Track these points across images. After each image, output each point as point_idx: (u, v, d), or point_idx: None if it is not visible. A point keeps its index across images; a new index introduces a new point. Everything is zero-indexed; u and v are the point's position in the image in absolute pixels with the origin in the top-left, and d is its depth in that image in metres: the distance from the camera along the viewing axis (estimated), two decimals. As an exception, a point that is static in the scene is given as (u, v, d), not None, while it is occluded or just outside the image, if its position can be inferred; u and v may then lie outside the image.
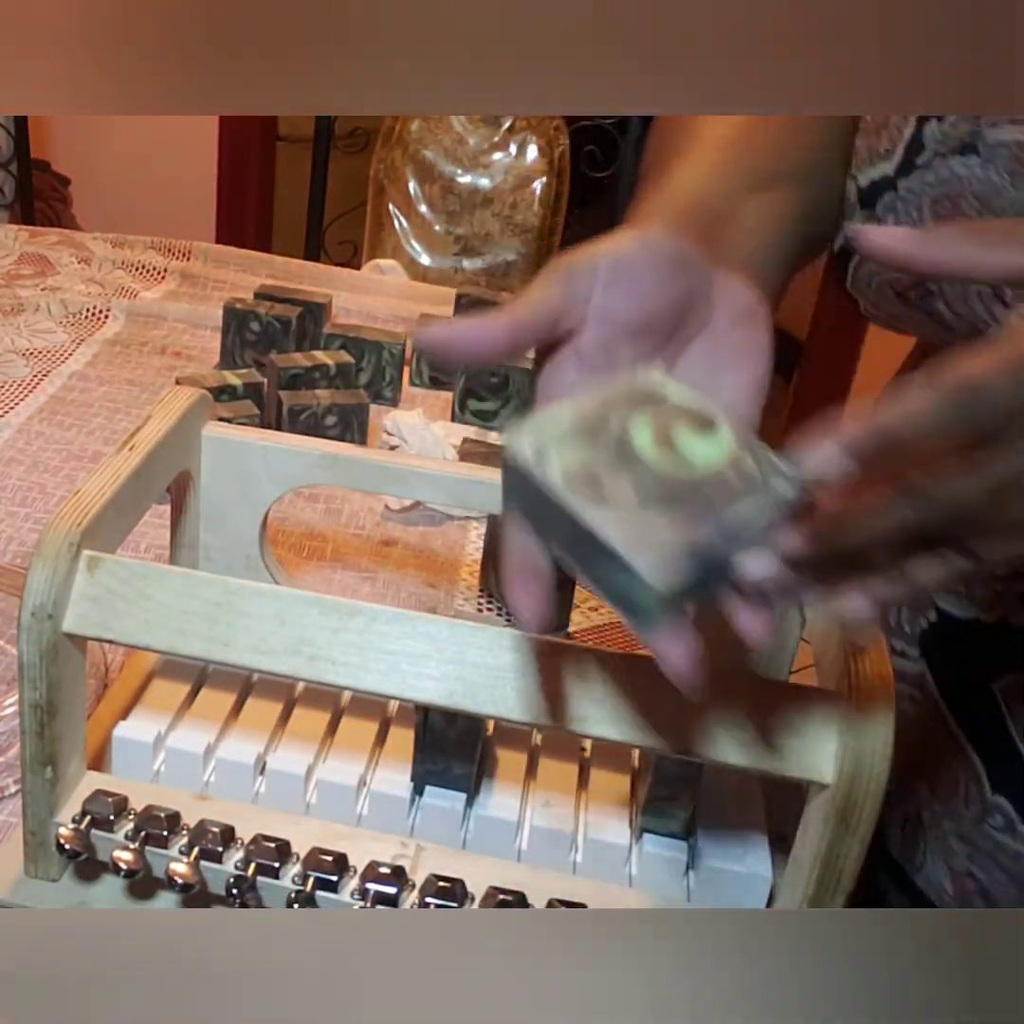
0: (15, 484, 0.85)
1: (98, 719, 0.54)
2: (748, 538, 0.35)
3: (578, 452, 0.37)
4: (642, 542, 0.34)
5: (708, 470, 0.37)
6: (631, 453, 0.37)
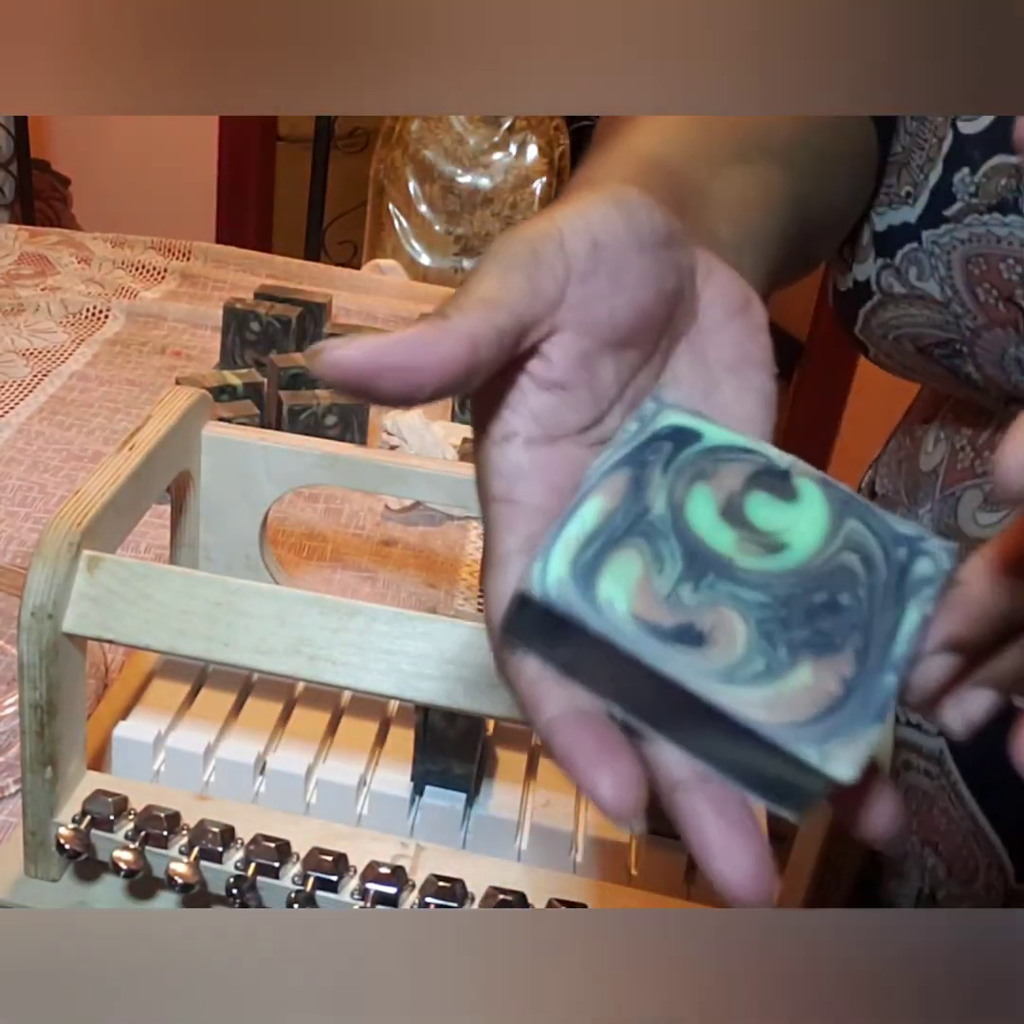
0: (15, 484, 0.85)
1: (98, 719, 0.54)
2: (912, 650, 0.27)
3: (636, 570, 0.27)
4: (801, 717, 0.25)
5: (814, 554, 0.27)
6: (703, 550, 0.27)
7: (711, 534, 0.27)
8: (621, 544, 0.27)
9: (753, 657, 0.26)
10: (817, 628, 0.26)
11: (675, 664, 0.25)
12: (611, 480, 0.28)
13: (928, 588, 0.27)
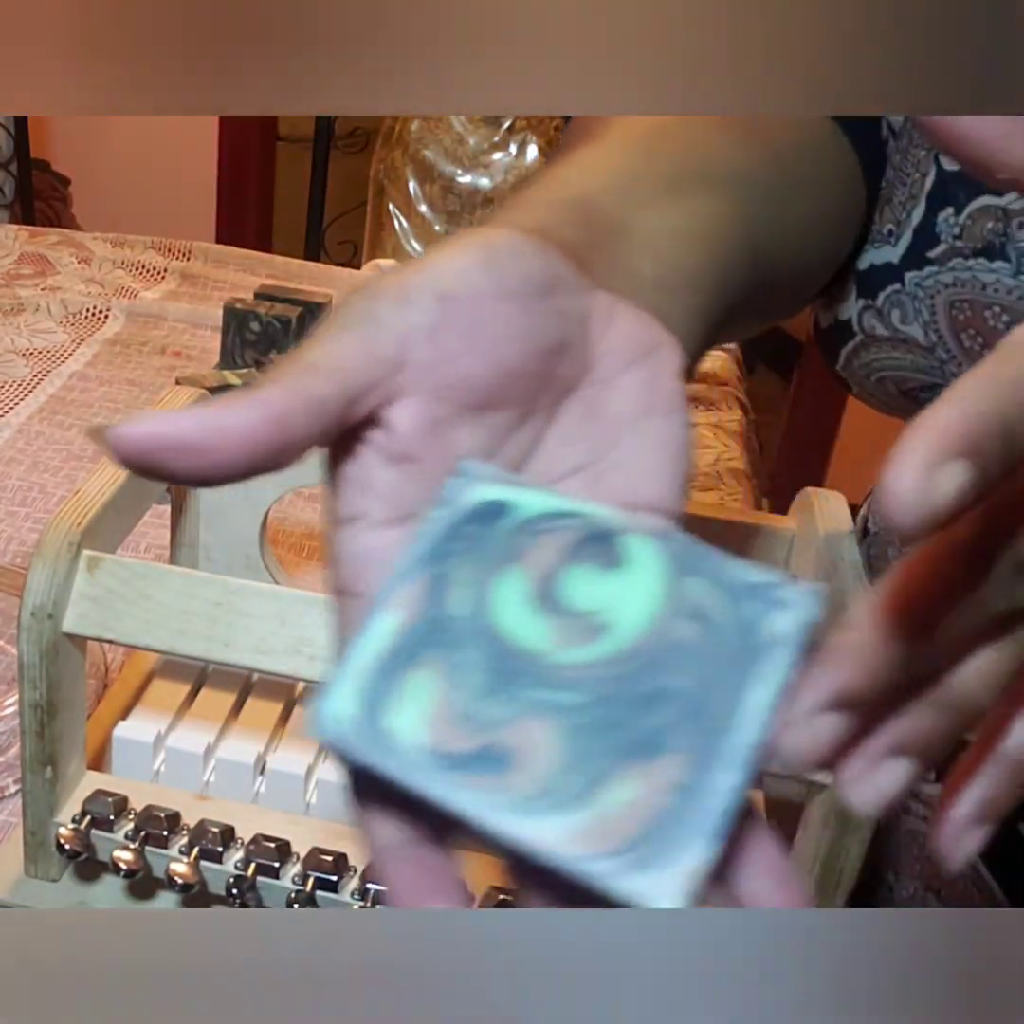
0: (15, 484, 0.85)
1: (98, 719, 0.54)
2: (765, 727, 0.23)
3: (433, 691, 0.23)
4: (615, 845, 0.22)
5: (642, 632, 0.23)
6: (512, 651, 0.23)
7: (521, 629, 0.24)
8: (417, 662, 0.24)
9: (564, 777, 0.22)
10: (642, 727, 0.23)
11: (469, 800, 0.22)
12: (409, 583, 0.25)
13: (782, 650, 0.23)
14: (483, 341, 0.27)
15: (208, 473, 0.24)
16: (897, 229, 0.47)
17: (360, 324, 0.27)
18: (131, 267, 1.29)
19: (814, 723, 0.23)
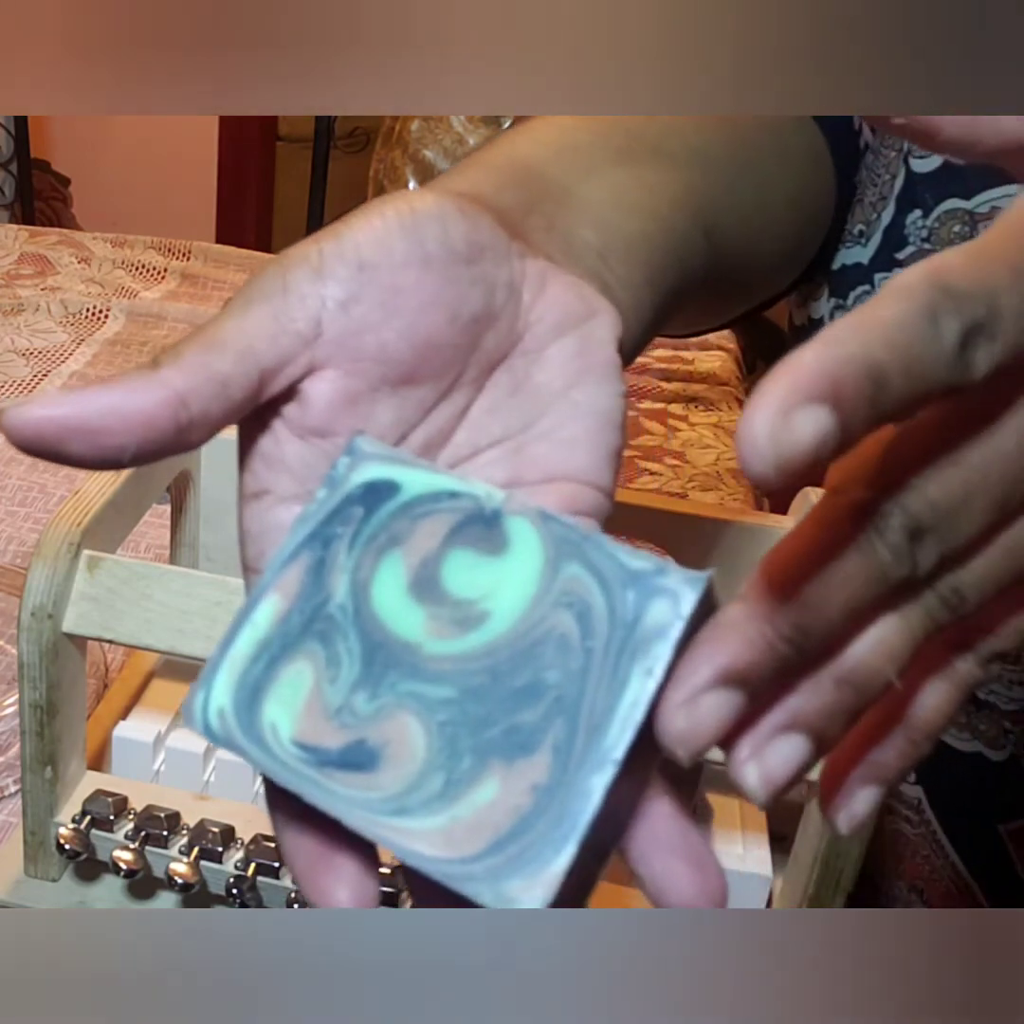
0: (15, 484, 0.85)
1: (98, 719, 0.54)
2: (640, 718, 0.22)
3: (307, 682, 0.23)
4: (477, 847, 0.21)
5: (518, 621, 0.22)
6: (387, 642, 0.23)
7: (397, 618, 0.23)
8: (293, 651, 0.23)
9: (430, 774, 0.22)
10: (512, 723, 0.22)
11: (334, 797, 0.22)
12: (289, 570, 0.24)
13: (661, 643, 0.22)
14: (402, 312, 0.26)
15: (108, 456, 0.24)
16: (867, 230, 0.47)
17: (271, 296, 0.25)
18: (131, 267, 1.29)
19: (700, 703, 0.21)
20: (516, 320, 0.28)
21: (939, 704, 0.24)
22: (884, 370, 0.20)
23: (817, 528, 0.22)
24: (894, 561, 0.22)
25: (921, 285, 0.21)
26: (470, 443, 0.28)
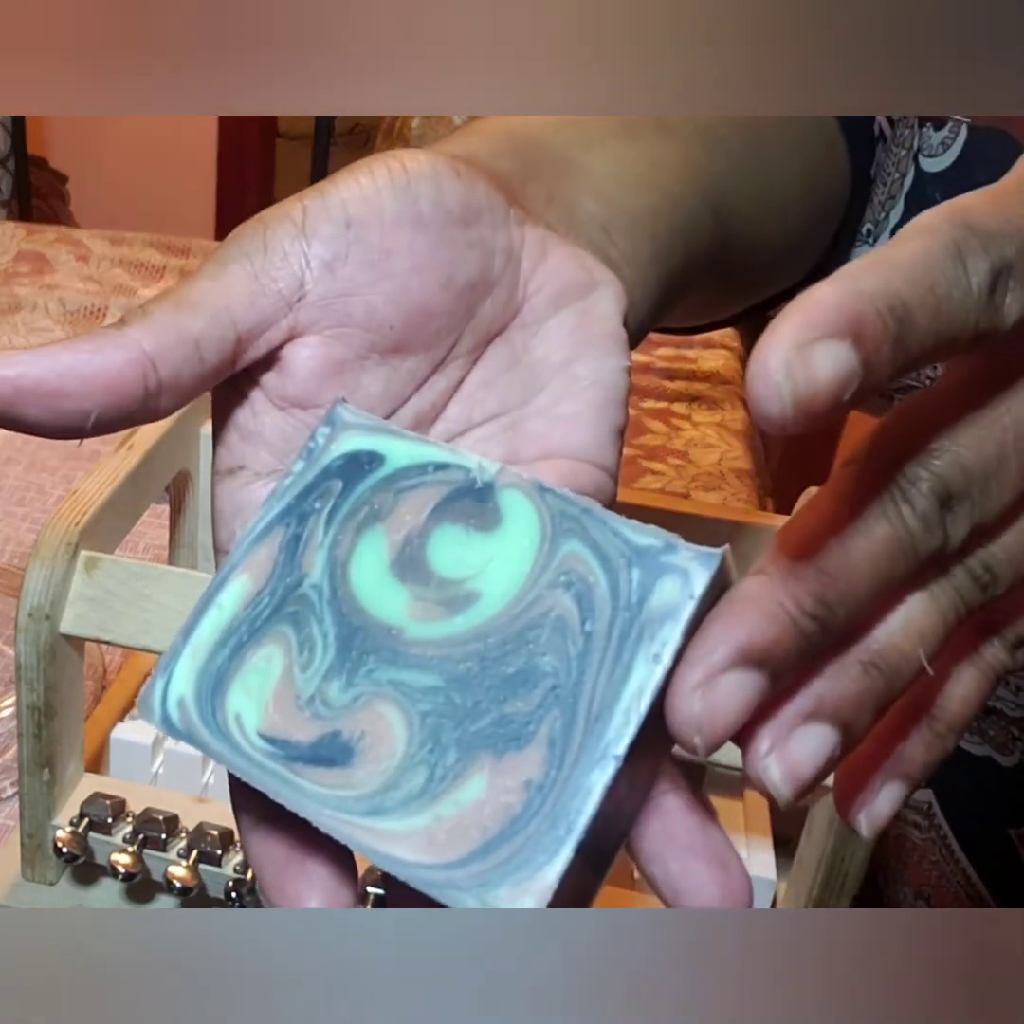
0: (12, 484, 0.85)
1: (96, 721, 0.54)
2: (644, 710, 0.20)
3: (276, 670, 0.21)
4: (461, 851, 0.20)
5: (511, 603, 0.21)
6: (365, 625, 0.21)
7: (378, 599, 0.21)
8: (262, 637, 0.21)
9: (411, 770, 0.20)
10: (503, 714, 0.20)
11: (304, 796, 0.20)
12: (260, 548, 0.22)
13: (670, 625, 0.20)
14: (392, 274, 0.24)
15: (68, 422, 0.21)
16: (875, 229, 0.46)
17: (251, 255, 0.23)
18: (130, 265, 1.29)
19: (719, 684, 0.19)
20: (515, 289, 0.26)
21: (967, 694, 0.23)
22: (909, 308, 0.18)
23: (836, 498, 0.20)
24: (923, 531, 0.20)
25: (944, 224, 0.19)
26: (463, 418, 0.26)
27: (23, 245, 1.30)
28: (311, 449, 0.23)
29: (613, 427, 0.26)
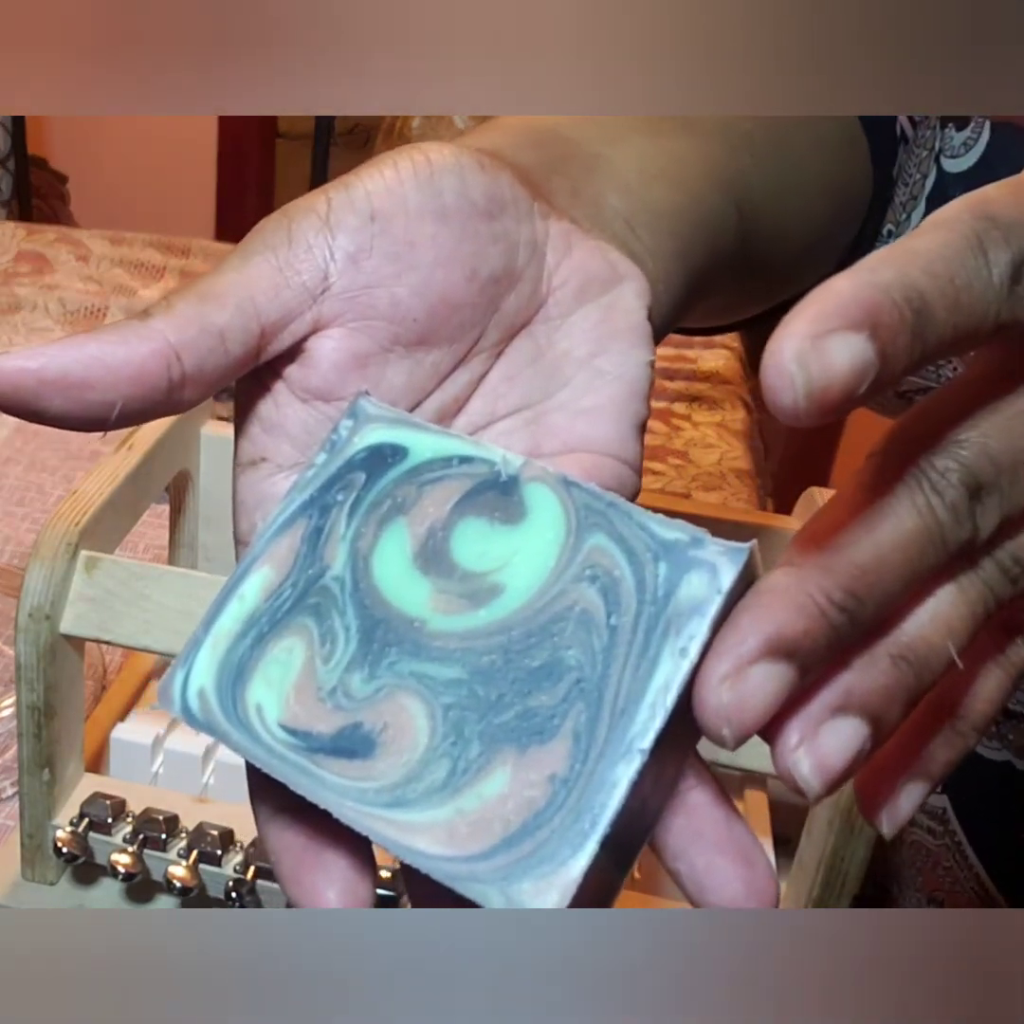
0: (12, 484, 0.85)
1: (96, 721, 0.54)
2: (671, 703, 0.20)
3: (298, 661, 0.21)
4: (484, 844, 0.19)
5: (535, 596, 0.21)
6: (388, 617, 0.21)
7: (401, 591, 0.21)
8: (283, 628, 0.21)
9: (433, 763, 0.20)
10: (527, 707, 0.20)
11: (324, 787, 0.20)
12: (282, 540, 0.22)
13: (697, 620, 0.20)
14: (416, 267, 0.24)
15: (92, 414, 0.22)
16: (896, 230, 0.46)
17: (275, 248, 0.24)
18: (130, 265, 1.29)
19: (748, 675, 0.19)
20: (539, 283, 0.26)
21: (991, 693, 0.22)
22: (927, 299, 0.18)
23: (863, 490, 0.20)
24: (953, 522, 0.20)
25: (963, 215, 0.19)
26: (486, 412, 0.26)
27: (23, 245, 1.30)
28: (334, 441, 0.23)
29: (636, 421, 0.26)
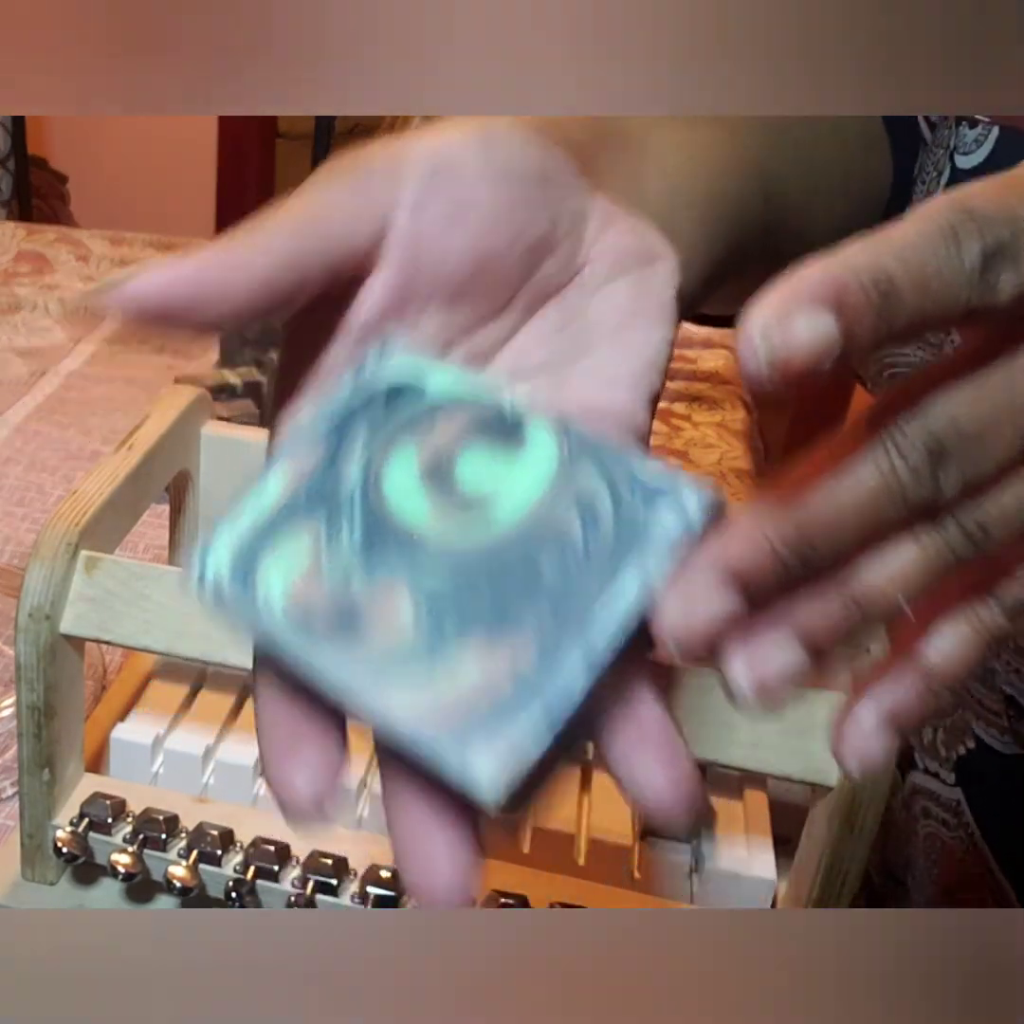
0: (12, 484, 0.85)
1: (96, 721, 0.54)
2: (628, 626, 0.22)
3: (306, 551, 0.24)
4: (454, 716, 0.22)
5: (523, 517, 0.23)
6: (390, 524, 0.24)
7: (405, 503, 0.24)
8: (297, 521, 0.24)
9: (416, 647, 0.23)
10: (501, 608, 0.23)
11: (318, 664, 0.23)
12: (305, 454, 0.25)
13: (661, 549, 0.23)
14: (467, 223, 0.26)
15: (206, 325, 0.24)
16: None
17: (350, 187, 0.26)
18: (130, 265, 1.29)
19: (697, 596, 0.22)
20: (576, 253, 0.28)
21: (957, 649, 0.24)
22: (895, 282, 0.20)
23: (834, 450, 0.22)
24: (913, 482, 0.22)
25: (944, 208, 0.21)
26: (510, 369, 0.28)
27: (23, 245, 1.30)
28: (360, 371, 0.26)
29: (651, 393, 0.28)
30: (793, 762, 0.42)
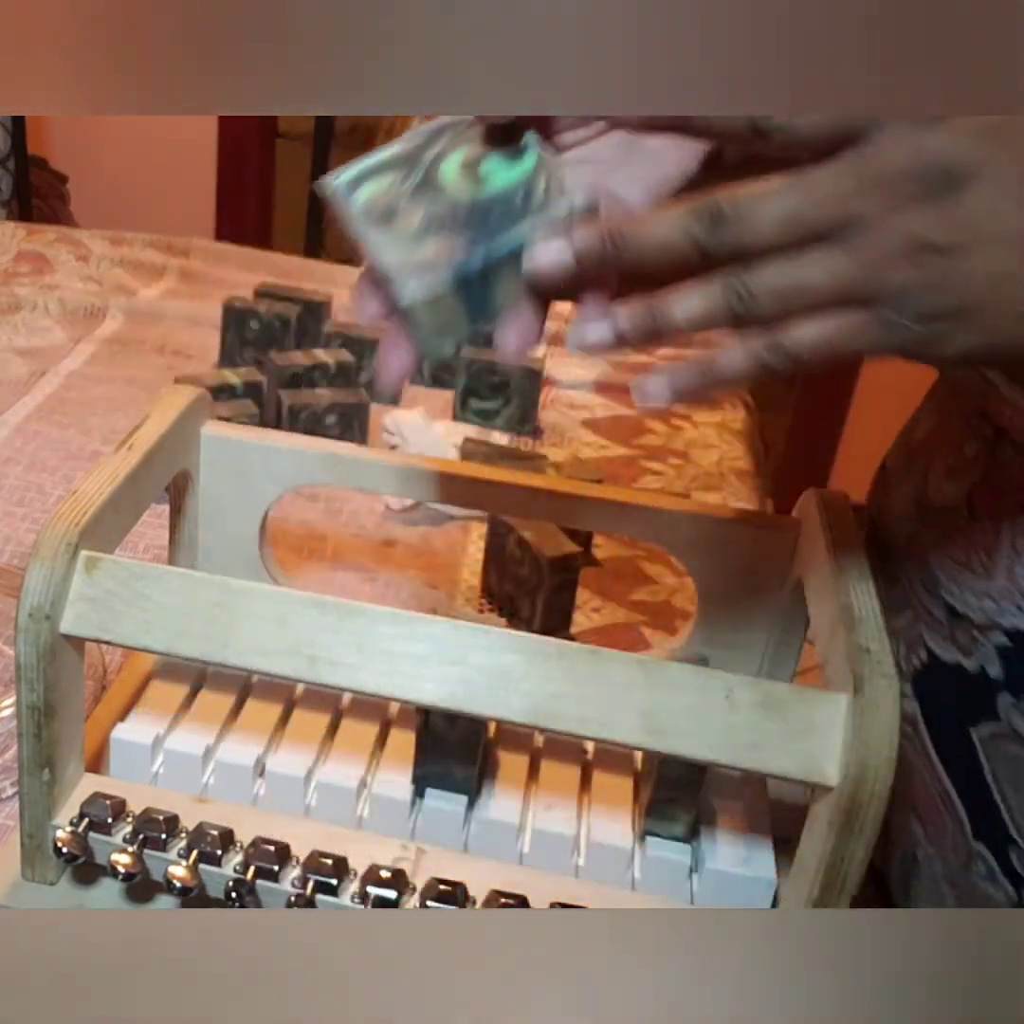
0: (12, 484, 0.85)
1: (96, 721, 0.54)
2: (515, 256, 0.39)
3: (385, 183, 0.41)
4: (407, 262, 0.39)
5: (497, 193, 0.40)
6: (435, 182, 0.40)
7: (446, 174, 0.40)
8: (391, 169, 0.41)
9: (415, 236, 0.39)
10: (464, 226, 0.39)
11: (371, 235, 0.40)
12: (416, 136, 0.41)
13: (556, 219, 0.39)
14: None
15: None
16: None
17: None
18: (129, 265, 1.29)
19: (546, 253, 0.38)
20: None
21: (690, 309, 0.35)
22: None
23: None
24: (699, 229, 0.34)
25: None
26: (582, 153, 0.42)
27: (23, 245, 1.30)
28: None
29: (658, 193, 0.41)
30: (793, 762, 0.42)
